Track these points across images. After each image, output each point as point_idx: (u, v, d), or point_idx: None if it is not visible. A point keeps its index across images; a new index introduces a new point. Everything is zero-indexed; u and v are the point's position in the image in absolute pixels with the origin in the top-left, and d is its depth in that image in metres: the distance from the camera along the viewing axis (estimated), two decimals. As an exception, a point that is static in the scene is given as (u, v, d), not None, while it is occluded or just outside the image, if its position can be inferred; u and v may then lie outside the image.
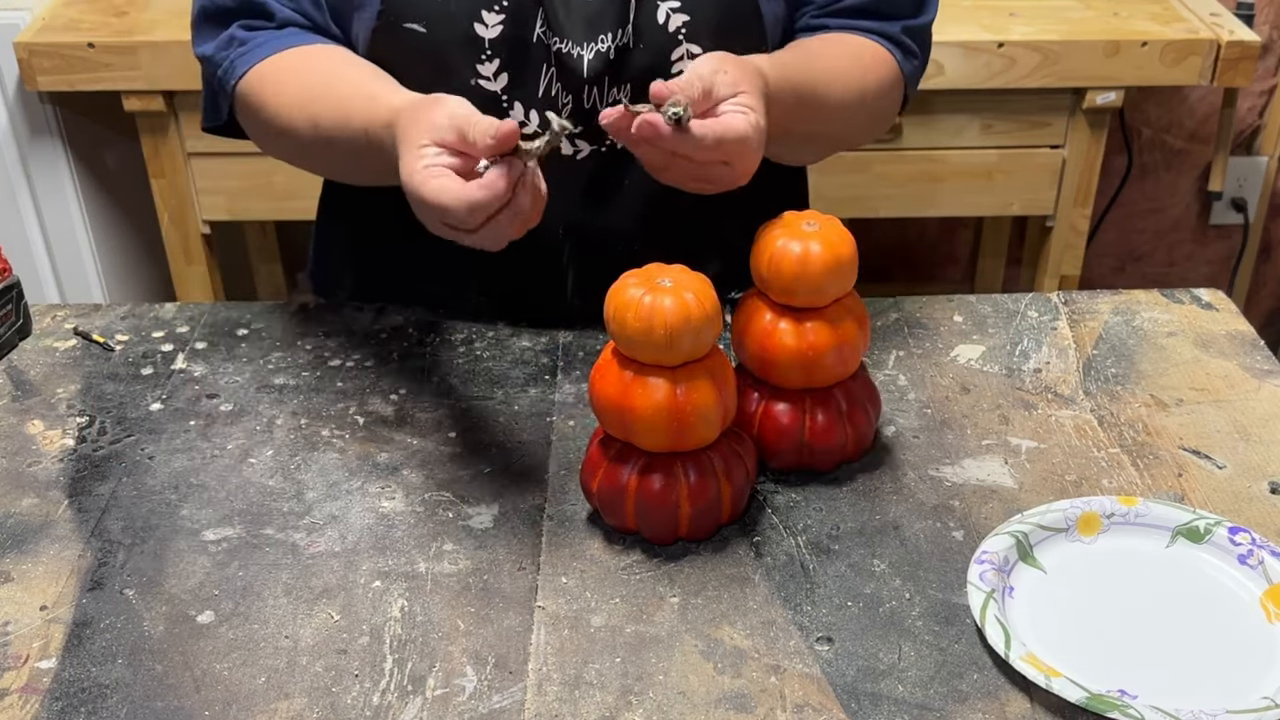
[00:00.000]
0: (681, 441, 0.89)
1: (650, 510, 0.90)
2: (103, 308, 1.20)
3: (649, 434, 0.88)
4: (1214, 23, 1.90)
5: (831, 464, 0.98)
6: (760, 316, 0.95)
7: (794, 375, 0.94)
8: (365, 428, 1.04)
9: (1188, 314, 1.19)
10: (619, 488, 0.90)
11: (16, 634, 0.85)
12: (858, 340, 0.95)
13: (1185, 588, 0.89)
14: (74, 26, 1.82)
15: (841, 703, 0.80)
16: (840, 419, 0.96)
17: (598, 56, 1.06)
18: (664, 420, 0.87)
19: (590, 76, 1.06)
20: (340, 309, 1.20)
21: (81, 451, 1.02)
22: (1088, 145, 1.94)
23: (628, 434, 0.89)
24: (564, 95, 1.07)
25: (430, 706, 0.79)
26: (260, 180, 1.92)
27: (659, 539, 0.92)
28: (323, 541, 0.93)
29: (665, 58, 1.07)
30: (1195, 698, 0.79)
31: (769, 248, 0.92)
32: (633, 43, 1.06)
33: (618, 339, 0.88)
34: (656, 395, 0.87)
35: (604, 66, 1.06)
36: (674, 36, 1.06)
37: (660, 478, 0.89)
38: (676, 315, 0.85)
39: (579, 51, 1.05)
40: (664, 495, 0.89)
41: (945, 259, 2.54)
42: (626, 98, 1.07)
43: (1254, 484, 0.98)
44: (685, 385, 0.87)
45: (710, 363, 0.89)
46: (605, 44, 1.05)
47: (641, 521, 0.91)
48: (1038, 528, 0.91)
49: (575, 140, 1.09)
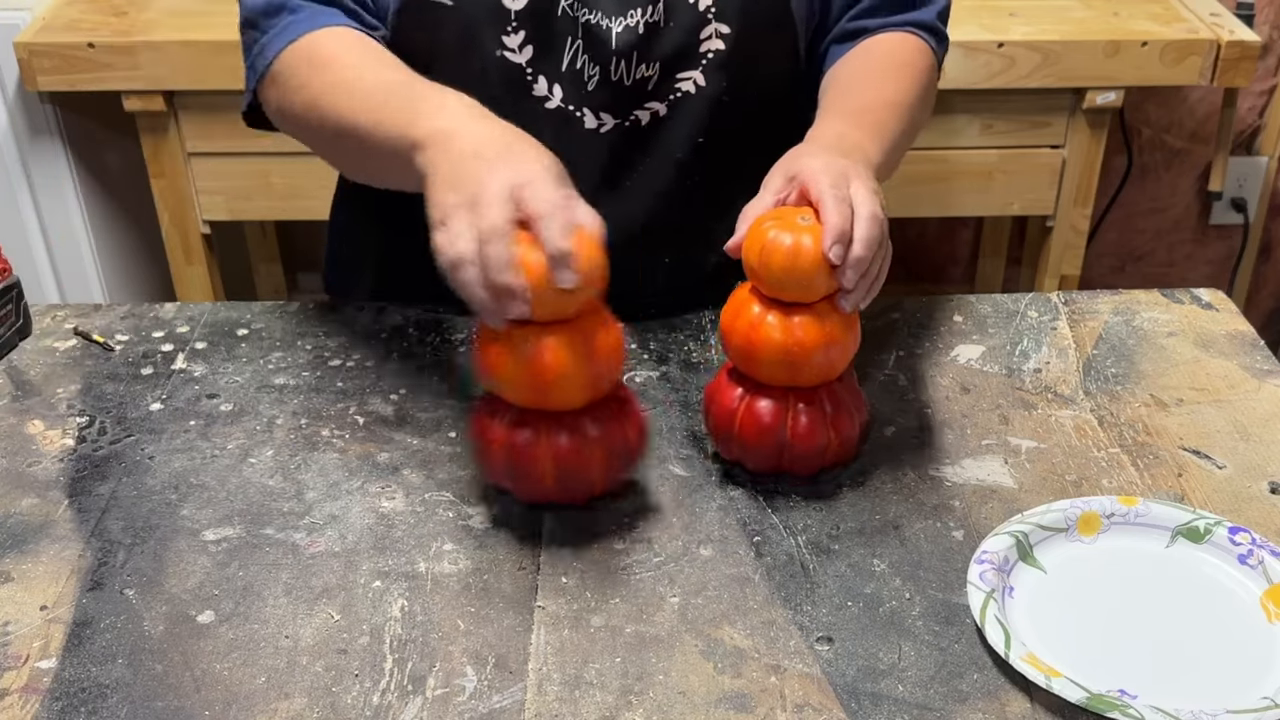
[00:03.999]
0: (545, 400, 0.89)
1: (518, 466, 0.91)
2: (103, 308, 1.20)
3: (513, 388, 0.89)
4: (1214, 23, 1.90)
5: (812, 469, 0.97)
6: (748, 308, 0.93)
7: (778, 371, 0.93)
8: (365, 428, 1.04)
9: (1188, 314, 1.19)
10: (488, 440, 0.92)
11: (16, 634, 0.85)
12: (846, 340, 0.93)
13: (1185, 588, 0.89)
14: (74, 26, 1.82)
15: (841, 703, 0.80)
16: (824, 422, 0.94)
17: (627, 30, 1.06)
18: (526, 376, 0.87)
19: (620, 49, 1.06)
20: (340, 309, 1.20)
21: (81, 451, 1.02)
22: (1088, 145, 1.94)
23: (496, 388, 0.90)
24: (590, 67, 1.07)
25: (430, 706, 0.79)
26: (260, 180, 1.92)
27: (526, 498, 0.93)
28: (323, 541, 0.93)
29: (694, 36, 1.07)
30: (1195, 698, 0.79)
31: (761, 239, 0.91)
32: (664, 20, 1.06)
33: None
34: (524, 351, 0.86)
35: (634, 40, 1.06)
36: (703, 15, 1.07)
37: (528, 433, 0.90)
38: (538, 274, 0.83)
39: (608, 24, 1.06)
40: (530, 451, 0.90)
41: (945, 259, 2.54)
42: (656, 75, 1.07)
43: (1254, 484, 0.98)
44: (547, 343, 0.86)
45: (581, 323, 0.88)
46: (635, 18, 1.06)
47: (509, 477, 0.92)
48: (1038, 528, 0.91)
49: (599, 113, 1.09)
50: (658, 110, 1.10)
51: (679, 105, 1.10)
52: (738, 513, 0.95)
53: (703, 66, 1.09)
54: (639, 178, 1.12)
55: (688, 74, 1.09)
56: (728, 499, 0.97)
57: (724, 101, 1.10)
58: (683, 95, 1.10)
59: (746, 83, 1.11)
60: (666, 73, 1.08)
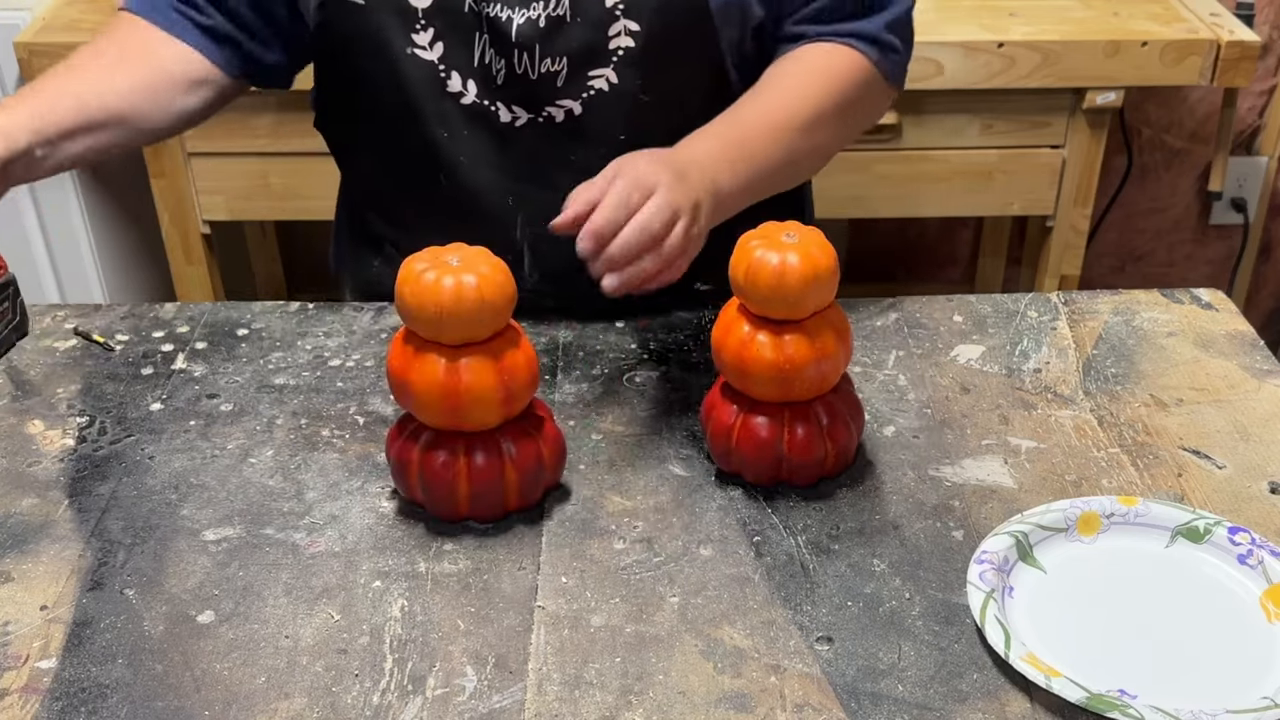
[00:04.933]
0: (460, 420, 0.90)
1: (431, 486, 0.92)
2: (103, 308, 1.20)
3: (427, 411, 0.90)
4: (1214, 23, 1.90)
5: (811, 479, 0.97)
6: (738, 327, 0.93)
7: (771, 388, 0.93)
8: (365, 428, 1.04)
9: (1188, 314, 1.19)
10: (405, 461, 0.92)
11: (16, 634, 0.85)
12: (838, 354, 0.93)
13: (1185, 588, 0.89)
14: (74, 26, 1.82)
15: (841, 702, 0.80)
16: (820, 434, 0.94)
17: (528, 22, 1.06)
18: (439, 399, 0.88)
19: (520, 41, 1.07)
20: (340, 309, 1.20)
21: (82, 451, 1.02)
22: (1088, 145, 1.94)
23: (410, 408, 0.91)
24: (497, 61, 1.08)
25: (430, 706, 0.79)
26: (260, 180, 1.92)
27: (441, 515, 0.94)
28: (323, 541, 0.93)
29: (603, 33, 1.07)
30: (1195, 698, 0.79)
31: (746, 257, 0.91)
32: (569, 15, 1.06)
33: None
34: (436, 373, 0.88)
35: (534, 33, 1.06)
36: (610, 11, 1.06)
37: (443, 455, 0.91)
38: (450, 296, 0.86)
39: (509, 15, 1.06)
40: (444, 473, 0.91)
41: (945, 259, 2.54)
42: (564, 70, 1.08)
43: (1254, 484, 0.98)
44: (463, 365, 0.88)
45: (495, 344, 0.89)
46: (536, 10, 1.06)
47: (425, 496, 0.93)
48: (1037, 528, 0.91)
49: (511, 107, 1.10)
50: (572, 108, 1.10)
51: (594, 103, 1.10)
52: (738, 513, 0.95)
53: (614, 64, 1.08)
54: (568, 174, 1.12)
55: (599, 71, 1.09)
56: (728, 499, 0.97)
57: (643, 100, 1.10)
58: (596, 93, 1.10)
59: (664, 81, 1.11)
60: (576, 69, 1.08)
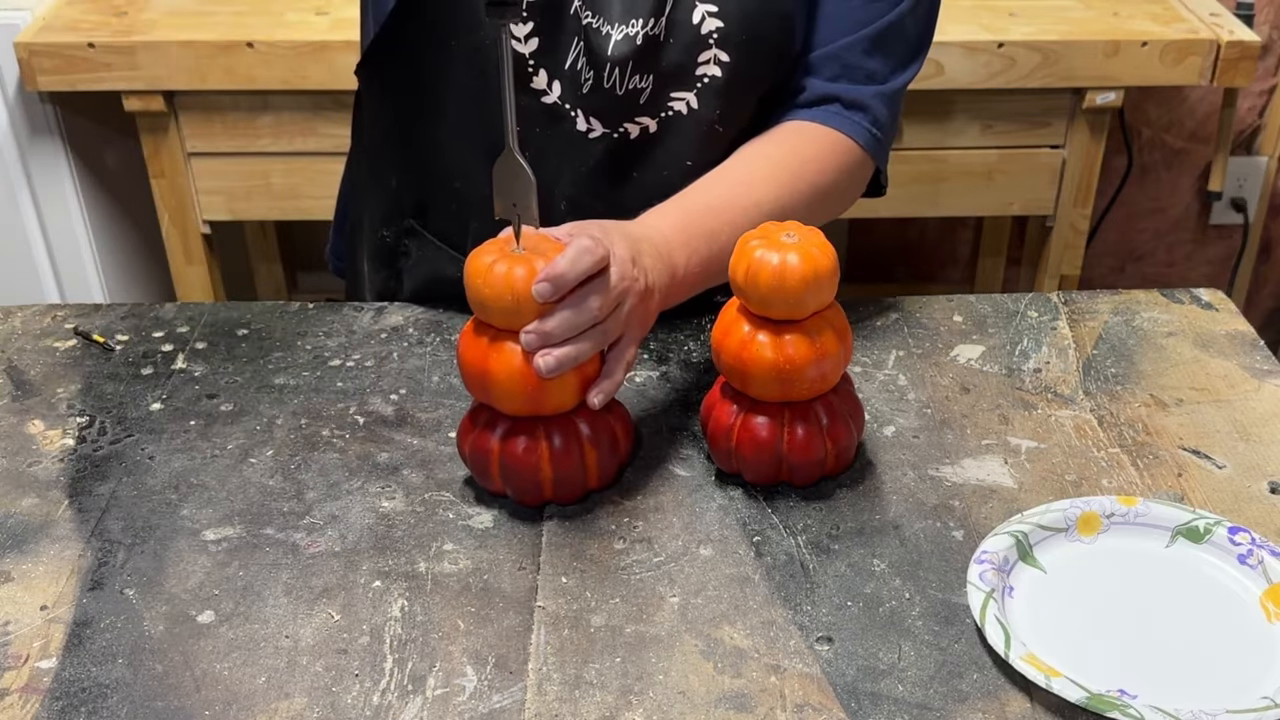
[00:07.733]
0: (539, 406, 0.91)
1: (514, 473, 0.92)
2: (103, 308, 1.20)
3: (507, 399, 0.90)
4: (1214, 23, 1.90)
5: (811, 479, 0.97)
6: (738, 327, 0.93)
7: (771, 388, 0.93)
8: (365, 428, 1.04)
9: (1188, 314, 1.19)
10: (483, 451, 0.93)
11: (16, 634, 0.85)
12: (838, 354, 0.93)
13: (1185, 588, 0.89)
14: (74, 26, 1.82)
15: (841, 702, 0.80)
16: (820, 433, 0.94)
17: (626, 40, 1.06)
18: (519, 385, 0.89)
19: (614, 57, 1.07)
20: (340, 308, 1.20)
21: (81, 451, 1.02)
22: (1088, 145, 1.94)
23: (488, 398, 0.92)
24: (587, 71, 1.08)
25: (430, 706, 0.79)
26: (260, 180, 1.92)
27: (525, 501, 0.94)
28: (323, 541, 0.93)
29: (693, 58, 1.08)
30: (1195, 698, 0.79)
31: (746, 258, 0.91)
32: (664, 36, 1.07)
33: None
34: (514, 361, 0.89)
35: (630, 51, 1.06)
36: (704, 39, 1.07)
37: (524, 441, 0.92)
38: (524, 285, 0.87)
39: (608, 30, 1.06)
40: (526, 458, 0.92)
41: (945, 259, 2.54)
42: (649, 89, 1.08)
43: (1254, 484, 0.98)
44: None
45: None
46: (635, 29, 1.06)
47: (507, 484, 0.94)
48: (1037, 528, 0.91)
49: (589, 117, 1.10)
50: (648, 126, 1.10)
51: (670, 124, 1.11)
52: (738, 513, 0.95)
53: (697, 90, 1.09)
54: (629, 191, 1.13)
55: (681, 94, 1.09)
56: (728, 499, 0.97)
57: (716, 129, 1.11)
58: (674, 114, 1.10)
59: (740, 114, 1.12)
60: (660, 88, 1.09)
